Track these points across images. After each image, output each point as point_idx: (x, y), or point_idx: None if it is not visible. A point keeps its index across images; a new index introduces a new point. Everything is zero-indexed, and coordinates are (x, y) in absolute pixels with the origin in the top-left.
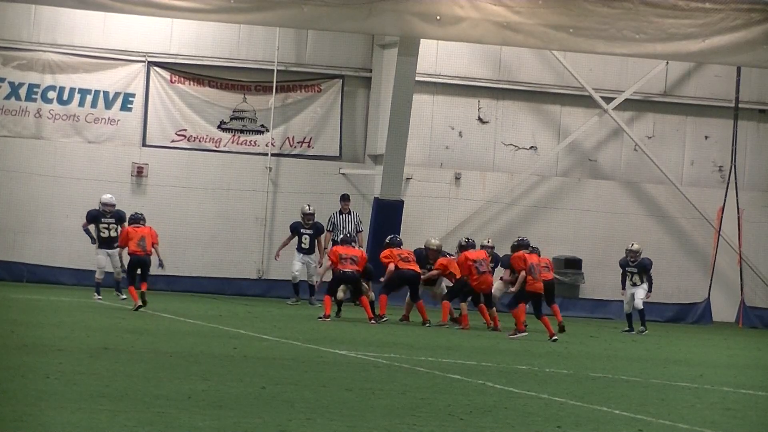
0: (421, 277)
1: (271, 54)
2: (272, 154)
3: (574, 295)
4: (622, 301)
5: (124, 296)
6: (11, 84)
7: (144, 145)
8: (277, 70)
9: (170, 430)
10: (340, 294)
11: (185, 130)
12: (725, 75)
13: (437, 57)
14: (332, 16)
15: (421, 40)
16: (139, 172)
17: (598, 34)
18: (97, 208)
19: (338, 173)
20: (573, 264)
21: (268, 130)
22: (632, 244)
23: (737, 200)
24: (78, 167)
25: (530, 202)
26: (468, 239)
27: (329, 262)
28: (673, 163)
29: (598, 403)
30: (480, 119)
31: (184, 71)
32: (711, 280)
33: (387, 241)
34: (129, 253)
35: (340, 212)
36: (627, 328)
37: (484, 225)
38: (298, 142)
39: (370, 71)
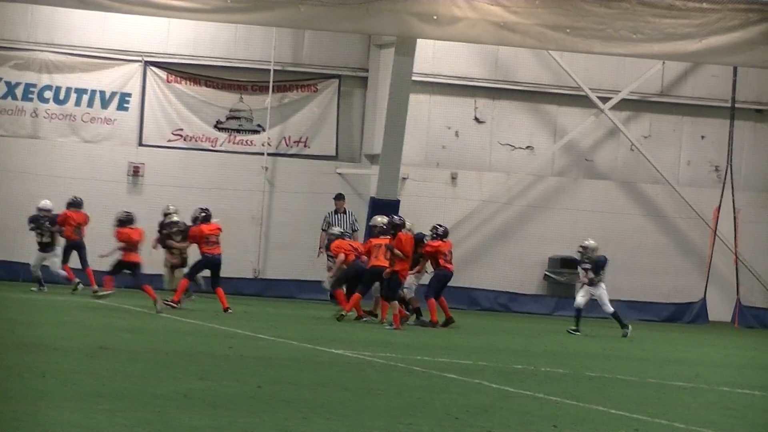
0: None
1: (267, 54)
2: (269, 154)
3: (571, 294)
4: (619, 301)
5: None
6: (8, 83)
7: (140, 144)
8: (274, 70)
9: (168, 429)
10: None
11: (182, 129)
12: (722, 75)
13: (434, 57)
14: (329, 16)
15: (418, 39)
16: (136, 171)
17: (595, 34)
18: (37, 213)
19: (335, 173)
20: (569, 264)
21: (264, 130)
22: (586, 240)
23: (733, 200)
24: (75, 167)
25: (527, 202)
26: (339, 230)
27: (187, 245)
28: (670, 163)
29: (594, 402)
30: (477, 119)
31: (181, 71)
32: (707, 279)
33: (337, 233)
34: (65, 236)
35: (336, 212)
36: (574, 328)
37: (480, 225)
38: (295, 142)
39: (367, 71)
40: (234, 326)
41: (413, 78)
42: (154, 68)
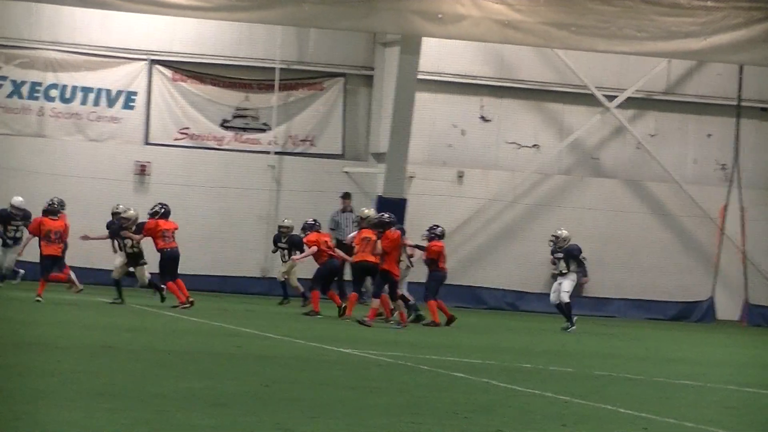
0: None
1: (273, 52)
2: (275, 153)
3: (577, 293)
4: (625, 299)
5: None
6: (13, 82)
7: (146, 143)
8: (280, 69)
9: (169, 428)
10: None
11: (188, 128)
12: (727, 73)
13: (439, 55)
14: (333, 15)
15: (423, 38)
16: (142, 170)
17: (599, 32)
18: (8, 209)
19: (341, 171)
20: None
21: (270, 129)
22: (559, 230)
23: (740, 198)
24: (80, 166)
25: (533, 200)
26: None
27: (141, 237)
28: (676, 162)
29: (601, 401)
30: (482, 117)
31: (186, 69)
32: (714, 278)
33: (311, 222)
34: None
35: (343, 210)
36: (566, 324)
37: (487, 223)
38: (301, 141)
39: (372, 69)
40: (239, 325)
41: (418, 76)
42: (159, 67)
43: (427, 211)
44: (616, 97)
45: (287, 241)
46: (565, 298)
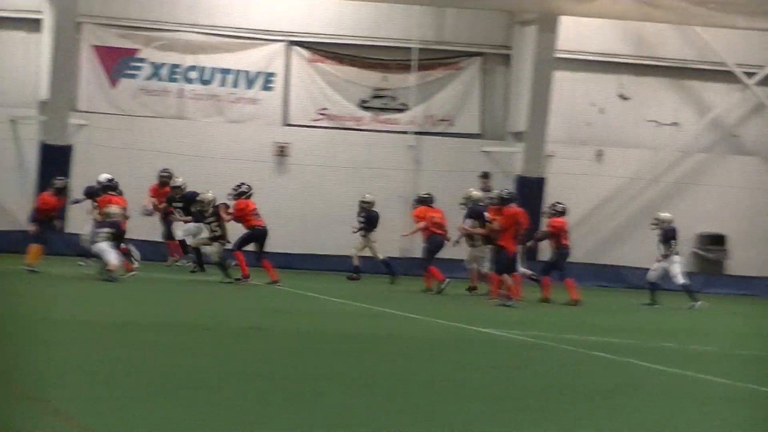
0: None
1: (410, 32)
2: (414, 133)
3: (719, 271)
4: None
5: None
6: (153, 64)
7: (285, 124)
8: (417, 48)
9: (321, 408)
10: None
11: (326, 109)
12: None
13: (577, 34)
14: None
15: (561, 16)
16: (281, 151)
17: (738, 8)
18: (96, 186)
19: (480, 151)
20: (717, 240)
21: (408, 109)
22: (662, 212)
23: None
24: (221, 147)
25: (673, 179)
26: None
27: (230, 218)
28: None
29: (743, 380)
30: (621, 96)
31: (325, 50)
32: None
33: (424, 195)
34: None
35: (482, 190)
36: (648, 302)
37: (627, 202)
38: (439, 120)
39: (510, 48)
40: (382, 305)
41: (556, 55)
42: (297, 48)
43: (566, 190)
44: (756, 74)
45: (365, 217)
46: (680, 280)
